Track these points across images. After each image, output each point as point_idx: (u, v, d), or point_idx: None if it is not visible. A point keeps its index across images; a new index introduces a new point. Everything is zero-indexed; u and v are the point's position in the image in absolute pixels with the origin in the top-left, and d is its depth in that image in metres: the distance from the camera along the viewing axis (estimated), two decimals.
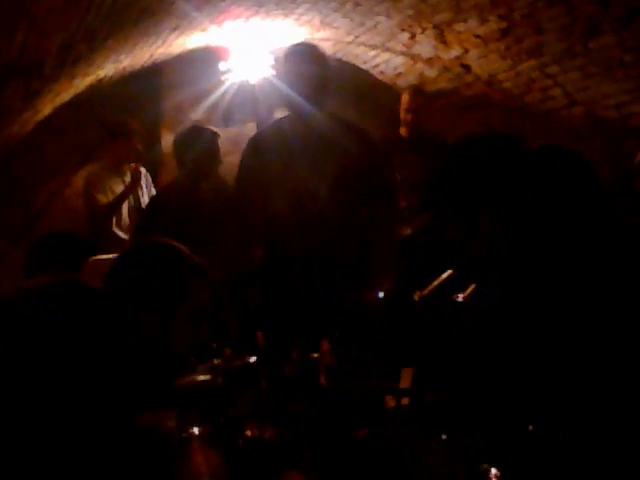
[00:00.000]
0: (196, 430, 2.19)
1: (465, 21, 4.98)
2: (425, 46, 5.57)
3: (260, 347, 2.86)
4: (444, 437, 1.70)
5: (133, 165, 5.73)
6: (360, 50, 6.10)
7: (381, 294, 5.63)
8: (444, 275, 4.13)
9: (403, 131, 5.93)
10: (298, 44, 3.85)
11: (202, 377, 2.55)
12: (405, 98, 5.90)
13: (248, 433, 2.22)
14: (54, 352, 1.85)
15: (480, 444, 1.86)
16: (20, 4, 3.07)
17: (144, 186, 5.89)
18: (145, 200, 5.85)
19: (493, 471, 1.80)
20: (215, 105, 6.58)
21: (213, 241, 4.08)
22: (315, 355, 2.40)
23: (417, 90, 6.02)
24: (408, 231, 5.76)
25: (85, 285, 2.09)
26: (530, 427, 1.80)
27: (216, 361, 2.84)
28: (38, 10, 3.23)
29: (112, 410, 1.88)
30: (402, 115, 5.90)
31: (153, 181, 6.08)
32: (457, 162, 2.08)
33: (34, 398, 1.80)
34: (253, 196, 3.79)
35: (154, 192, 5.99)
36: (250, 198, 3.81)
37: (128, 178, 5.73)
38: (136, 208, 5.75)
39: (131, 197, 5.76)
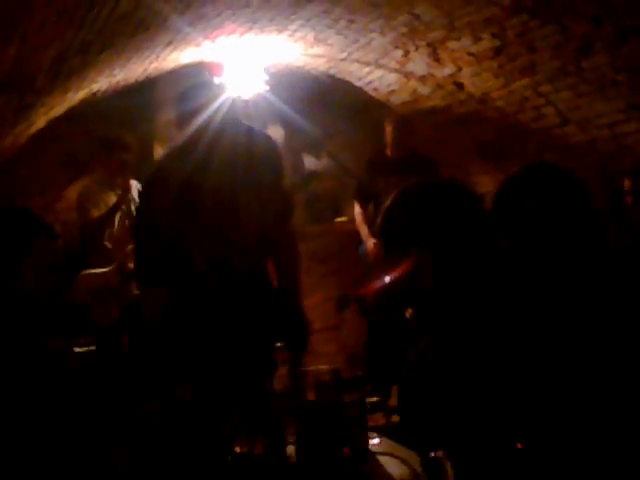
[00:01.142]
0: None
1: (458, 39, 5.00)
2: (418, 63, 5.58)
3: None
4: (433, 455, 1.69)
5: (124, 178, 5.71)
6: (354, 67, 6.11)
7: (387, 279, 5.67)
8: None
9: (389, 152, 6.02)
10: None
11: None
12: (389, 130, 5.97)
13: (237, 449, 2.20)
14: None
15: (472, 460, 1.85)
16: (12, 18, 3.07)
17: (136, 199, 5.87)
18: None
19: None
20: (208, 120, 6.57)
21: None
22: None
23: (401, 121, 6.08)
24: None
25: None
26: (519, 444, 1.79)
27: None
28: (31, 24, 3.24)
29: None
30: (388, 141, 5.99)
31: None
32: (405, 202, 2.15)
33: None
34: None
35: None
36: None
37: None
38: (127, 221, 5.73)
39: (123, 208, 5.75)
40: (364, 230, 6.14)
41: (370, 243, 5.98)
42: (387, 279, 5.70)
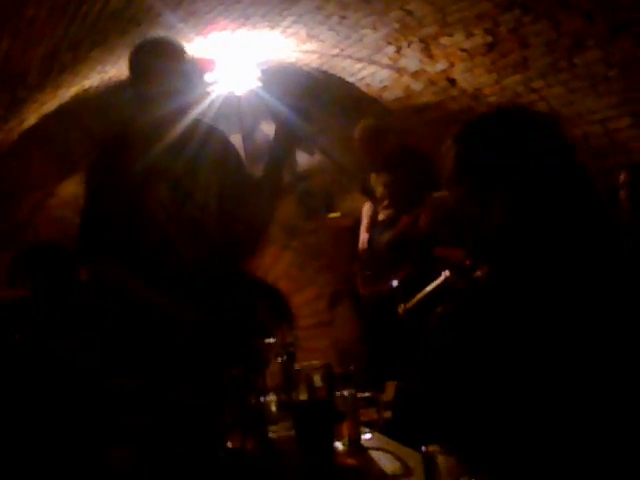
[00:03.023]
0: None
1: (451, 35, 5.01)
2: (411, 59, 5.58)
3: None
4: (424, 450, 1.68)
5: None
6: (346, 63, 6.11)
7: (395, 282, 5.67)
8: (428, 288, 4.14)
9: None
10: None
11: None
12: (358, 145, 6.02)
13: (230, 444, 2.20)
14: None
15: (464, 457, 1.84)
16: (4, 14, 3.07)
17: None
18: None
19: None
20: (201, 116, 6.56)
21: None
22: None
23: (369, 134, 6.09)
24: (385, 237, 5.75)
25: None
26: (516, 440, 1.78)
27: None
28: (22, 20, 3.23)
29: None
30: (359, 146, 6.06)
31: None
32: (478, 136, 1.97)
33: None
34: None
35: None
36: None
37: None
38: None
39: None
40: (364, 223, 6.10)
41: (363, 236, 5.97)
42: (394, 283, 5.68)
